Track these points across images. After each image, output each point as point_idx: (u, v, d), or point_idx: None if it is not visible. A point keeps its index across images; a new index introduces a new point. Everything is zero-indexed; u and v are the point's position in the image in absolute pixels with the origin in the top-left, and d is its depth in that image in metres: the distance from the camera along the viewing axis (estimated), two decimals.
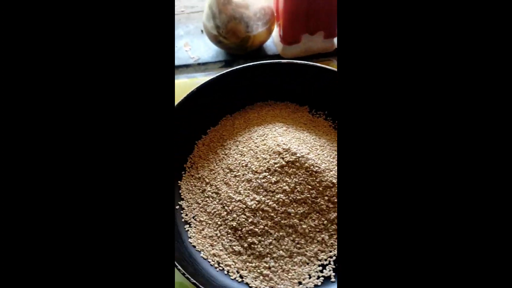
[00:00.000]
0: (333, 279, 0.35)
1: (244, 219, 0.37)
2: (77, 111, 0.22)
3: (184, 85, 0.53)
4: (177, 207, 0.40)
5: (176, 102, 0.41)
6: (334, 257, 0.36)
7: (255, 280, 0.35)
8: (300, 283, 0.35)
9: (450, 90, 0.21)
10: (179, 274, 0.36)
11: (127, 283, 0.22)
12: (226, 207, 0.38)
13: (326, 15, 0.54)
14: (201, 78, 0.54)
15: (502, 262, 0.20)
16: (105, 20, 0.22)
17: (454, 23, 0.21)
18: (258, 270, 0.35)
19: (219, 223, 0.38)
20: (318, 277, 0.35)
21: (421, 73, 0.22)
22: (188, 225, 0.39)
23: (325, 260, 0.36)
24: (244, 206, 0.37)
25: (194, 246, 0.37)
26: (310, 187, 0.37)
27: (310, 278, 0.35)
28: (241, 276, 0.35)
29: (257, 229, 0.36)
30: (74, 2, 0.22)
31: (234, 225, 0.37)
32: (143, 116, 0.23)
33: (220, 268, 0.36)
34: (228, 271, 0.36)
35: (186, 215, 0.39)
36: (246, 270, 0.36)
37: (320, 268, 0.36)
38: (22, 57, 0.22)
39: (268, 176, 0.37)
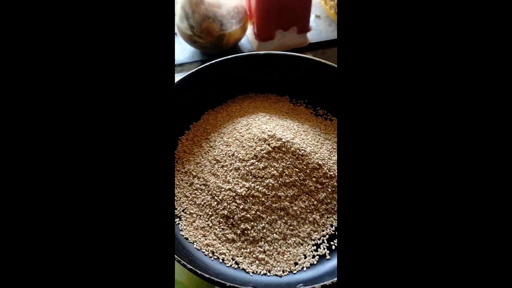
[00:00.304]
0: (328, 257, 0.36)
1: (235, 207, 0.37)
2: (78, 108, 0.22)
3: None
4: None
5: None
6: (327, 236, 0.37)
7: (251, 265, 0.35)
8: (296, 263, 0.35)
9: (449, 86, 0.21)
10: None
11: (127, 277, 0.22)
12: (216, 197, 0.38)
13: (298, 11, 0.56)
14: (179, 79, 0.54)
15: (502, 261, 0.20)
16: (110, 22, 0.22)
17: (453, 21, 0.21)
18: (254, 255, 0.35)
19: (210, 213, 0.38)
20: (313, 256, 0.36)
21: (419, 70, 0.22)
22: (178, 219, 0.38)
23: (319, 239, 0.36)
24: (234, 194, 0.37)
25: (187, 238, 0.37)
26: (297, 170, 0.38)
27: (305, 258, 0.36)
28: (236, 263, 0.35)
29: (249, 215, 0.36)
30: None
31: (225, 213, 0.37)
32: (146, 101, 0.23)
33: (215, 257, 0.36)
34: (223, 259, 0.35)
35: (176, 209, 0.39)
36: (241, 256, 0.35)
37: (315, 247, 0.36)
38: (20, 51, 0.21)
39: (256, 163, 0.38)
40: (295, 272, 0.35)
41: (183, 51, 0.61)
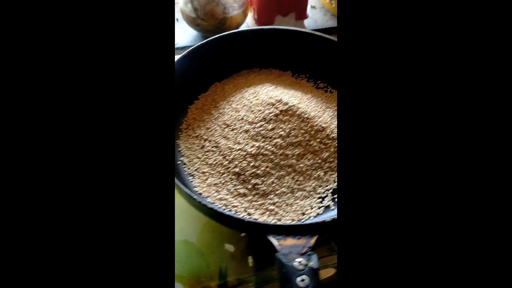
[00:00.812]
0: (332, 208, 0.39)
1: (246, 164, 0.39)
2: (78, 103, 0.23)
3: None
4: (179, 162, 0.42)
5: None
6: (331, 190, 0.40)
7: (263, 216, 0.38)
8: (303, 213, 0.38)
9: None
10: (181, 233, 0.38)
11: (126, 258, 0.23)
12: (227, 157, 0.40)
13: None
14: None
15: (502, 261, 0.20)
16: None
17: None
18: (264, 207, 0.38)
19: (222, 171, 0.40)
20: (319, 207, 0.39)
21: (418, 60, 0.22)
22: (192, 177, 0.41)
23: (323, 193, 0.39)
24: (245, 153, 0.40)
25: (201, 194, 0.39)
26: (303, 131, 0.41)
27: (312, 209, 0.38)
28: (248, 214, 0.38)
29: (259, 171, 0.39)
30: None
31: (237, 171, 0.39)
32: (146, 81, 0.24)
33: (228, 209, 0.38)
34: (236, 211, 0.38)
35: (189, 168, 0.41)
36: (252, 208, 0.38)
37: (320, 200, 0.39)
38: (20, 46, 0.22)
39: (265, 124, 0.41)
40: (303, 220, 0.37)
41: (185, 35, 0.63)
